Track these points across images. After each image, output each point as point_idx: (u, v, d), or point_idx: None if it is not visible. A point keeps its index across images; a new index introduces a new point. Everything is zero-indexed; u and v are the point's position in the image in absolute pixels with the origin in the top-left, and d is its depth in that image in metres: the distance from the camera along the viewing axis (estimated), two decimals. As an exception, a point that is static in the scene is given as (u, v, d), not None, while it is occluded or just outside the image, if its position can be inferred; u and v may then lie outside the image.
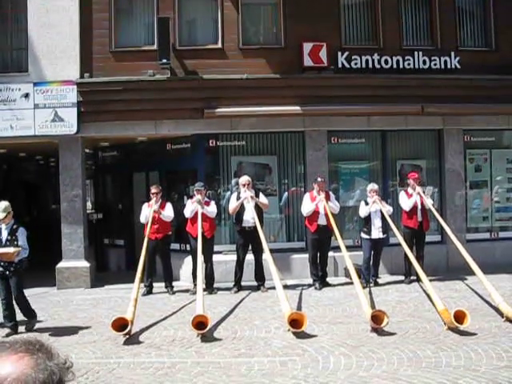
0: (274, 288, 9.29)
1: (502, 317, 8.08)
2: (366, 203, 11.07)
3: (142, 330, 8.12)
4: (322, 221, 10.87)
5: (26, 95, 11.57)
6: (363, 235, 11.19)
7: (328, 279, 11.30)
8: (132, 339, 7.65)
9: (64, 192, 11.88)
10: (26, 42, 11.84)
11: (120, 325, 7.54)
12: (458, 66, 12.51)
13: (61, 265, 11.73)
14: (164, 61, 11.50)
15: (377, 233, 10.99)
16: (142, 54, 11.99)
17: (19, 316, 8.43)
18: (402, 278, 11.36)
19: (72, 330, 8.25)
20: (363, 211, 11.06)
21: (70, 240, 11.80)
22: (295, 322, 7.56)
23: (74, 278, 11.66)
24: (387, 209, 10.95)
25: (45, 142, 12.14)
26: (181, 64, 11.95)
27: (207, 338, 7.57)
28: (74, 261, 11.75)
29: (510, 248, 12.83)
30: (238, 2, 12.20)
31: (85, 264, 11.81)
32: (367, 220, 11.05)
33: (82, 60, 11.78)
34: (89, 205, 15.07)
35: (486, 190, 13.33)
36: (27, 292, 11.02)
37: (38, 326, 8.59)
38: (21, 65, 12.00)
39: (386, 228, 11.02)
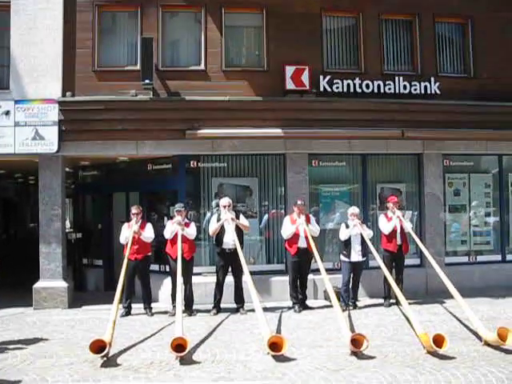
0: (253, 310, 9.25)
1: (481, 341, 8.13)
2: (347, 226, 11.11)
3: (120, 352, 8.01)
4: (302, 243, 10.87)
5: (7, 113, 11.51)
6: (343, 258, 11.20)
7: (307, 302, 11.28)
8: (110, 362, 7.53)
9: (43, 211, 11.76)
10: (8, 59, 11.80)
11: (98, 347, 7.44)
12: (438, 92, 12.71)
13: (38, 284, 11.57)
14: (147, 81, 11.55)
15: (356, 256, 11.02)
16: (125, 73, 11.99)
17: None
18: (381, 301, 11.39)
19: (48, 352, 8.10)
20: (344, 234, 11.09)
21: (48, 259, 11.65)
22: (275, 345, 7.51)
23: (51, 298, 11.50)
24: (367, 232, 11.00)
25: (25, 160, 12.06)
26: (163, 85, 11.98)
27: (186, 360, 7.49)
28: (51, 281, 11.59)
29: (488, 272, 12.99)
30: (222, 24, 12.30)
31: (62, 284, 11.66)
32: (347, 243, 11.07)
33: (65, 78, 11.75)
34: (68, 224, 14.93)
35: (464, 213, 13.48)
36: (2, 312, 10.95)
37: (13, 346, 8.43)
38: (2, 82, 11.94)
39: (365, 251, 11.05)
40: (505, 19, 13.43)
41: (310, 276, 11.47)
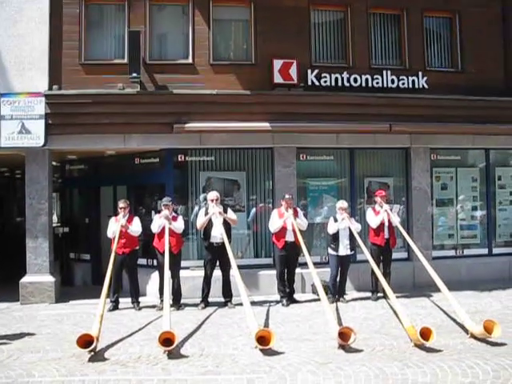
0: (241, 304, 9.25)
1: (467, 333, 8.18)
2: (335, 220, 11.12)
3: (108, 347, 7.98)
4: (289, 237, 10.88)
5: (-7, 106, 11.41)
6: (331, 251, 11.22)
7: (295, 296, 11.30)
8: (97, 356, 7.51)
9: (30, 205, 11.67)
10: (-6, 52, 11.71)
11: (85, 341, 7.40)
12: (426, 86, 12.76)
13: (25, 279, 11.50)
14: (134, 75, 11.48)
15: (344, 250, 11.04)
16: (112, 67, 11.91)
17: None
18: (368, 294, 11.43)
19: (35, 347, 8.06)
20: (332, 228, 11.09)
21: (35, 254, 11.58)
22: (263, 339, 7.52)
23: (38, 292, 11.43)
24: (356, 226, 11.02)
25: (11, 154, 11.95)
26: (151, 78, 11.92)
27: (174, 354, 7.48)
28: (38, 275, 11.53)
29: (475, 265, 13.07)
30: (210, 18, 12.26)
31: (49, 279, 11.60)
32: (335, 237, 11.08)
33: (51, 72, 11.66)
34: (55, 218, 14.83)
35: (451, 207, 13.54)
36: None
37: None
38: (-13, 75, 11.84)
39: (353, 245, 11.08)
40: (492, 14, 13.53)
41: (298, 270, 11.49)
